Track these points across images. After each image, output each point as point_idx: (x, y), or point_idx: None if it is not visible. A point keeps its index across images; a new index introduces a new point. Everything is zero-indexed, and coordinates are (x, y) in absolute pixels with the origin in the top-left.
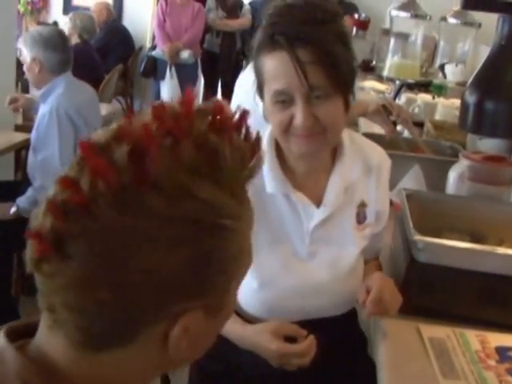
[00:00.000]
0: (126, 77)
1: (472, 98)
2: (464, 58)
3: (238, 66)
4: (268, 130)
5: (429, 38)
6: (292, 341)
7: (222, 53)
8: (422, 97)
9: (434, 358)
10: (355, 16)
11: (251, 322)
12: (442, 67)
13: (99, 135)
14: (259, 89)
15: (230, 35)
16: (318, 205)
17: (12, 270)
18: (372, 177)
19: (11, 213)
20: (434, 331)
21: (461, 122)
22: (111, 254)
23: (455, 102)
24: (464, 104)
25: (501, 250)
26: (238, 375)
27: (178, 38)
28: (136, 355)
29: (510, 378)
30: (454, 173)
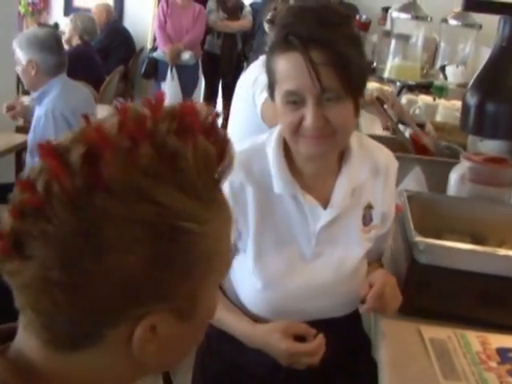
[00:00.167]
0: (126, 78)
1: (473, 100)
2: (465, 60)
3: (239, 67)
4: (276, 130)
5: (429, 40)
6: (301, 340)
7: (223, 54)
8: (423, 98)
9: (435, 359)
10: (356, 17)
11: (255, 321)
12: (442, 69)
13: (64, 137)
14: (270, 89)
15: (230, 36)
16: (325, 206)
17: None
18: (379, 178)
19: None
20: (434, 332)
21: (462, 124)
22: (66, 255)
23: (456, 103)
24: (465, 105)
25: (501, 251)
26: (242, 375)
27: (179, 39)
28: (107, 356)
29: (511, 380)
30: (454, 174)
